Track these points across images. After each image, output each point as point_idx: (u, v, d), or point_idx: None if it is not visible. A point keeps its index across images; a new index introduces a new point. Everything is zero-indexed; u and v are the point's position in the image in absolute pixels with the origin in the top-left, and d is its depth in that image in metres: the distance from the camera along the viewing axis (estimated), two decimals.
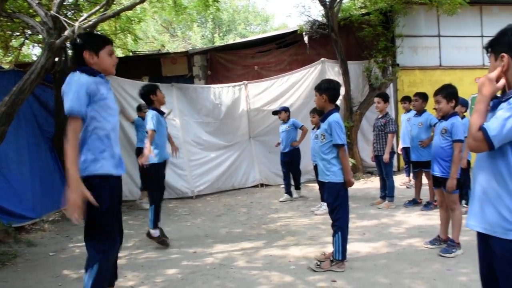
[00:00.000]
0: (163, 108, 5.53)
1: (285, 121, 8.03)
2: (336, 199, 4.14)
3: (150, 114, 5.25)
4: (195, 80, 10.70)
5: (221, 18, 26.11)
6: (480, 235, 2.17)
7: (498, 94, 2.15)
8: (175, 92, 9.12)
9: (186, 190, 8.86)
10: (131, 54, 12.40)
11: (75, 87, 2.77)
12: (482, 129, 1.96)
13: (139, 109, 7.76)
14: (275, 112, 8.36)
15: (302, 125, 7.96)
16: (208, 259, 4.77)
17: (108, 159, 2.92)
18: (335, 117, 4.17)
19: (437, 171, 4.63)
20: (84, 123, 2.83)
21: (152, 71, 10.74)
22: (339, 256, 4.13)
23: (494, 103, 2.14)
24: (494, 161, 2.05)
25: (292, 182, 8.24)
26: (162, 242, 5.26)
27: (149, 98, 5.30)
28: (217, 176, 9.27)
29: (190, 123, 9.22)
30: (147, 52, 15.92)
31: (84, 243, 2.93)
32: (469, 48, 10.81)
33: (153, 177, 5.36)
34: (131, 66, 10.41)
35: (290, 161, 8.04)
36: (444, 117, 4.62)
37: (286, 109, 8.16)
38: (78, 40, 3.01)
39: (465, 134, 4.57)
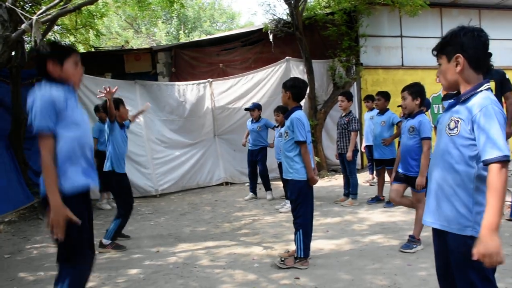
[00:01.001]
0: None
1: (256, 119, 7.87)
2: (298, 196, 4.15)
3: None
4: (159, 77, 10.55)
5: (186, 15, 25.82)
6: (436, 231, 2.19)
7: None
8: (139, 89, 8.95)
9: (150, 189, 8.72)
10: (93, 50, 12.12)
11: (41, 104, 2.54)
12: (496, 159, 1.86)
13: (97, 109, 7.50)
14: (247, 109, 8.13)
15: (274, 126, 7.77)
16: (171, 259, 4.70)
17: (79, 171, 2.68)
18: (298, 114, 4.18)
19: (403, 169, 4.62)
20: (55, 140, 2.59)
21: (115, 68, 10.52)
22: (301, 254, 4.13)
23: (450, 104, 2.17)
24: (449, 158, 2.08)
25: (259, 181, 8.04)
26: (117, 246, 5.13)
27: None
28: (181, 175, 9.17)
29: (154, 120, 9.07)
30: (110, 48, 15.61)
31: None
32: (430, 49, 10.70)
33: (114, 188, 5.26)
34: (93, 62, 10.14)
35: (259, 160, 7.88)
36: (411, 115, 4.68)
37: (259, 107, 7.99)
38: (41, 49, 2.83)
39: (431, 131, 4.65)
